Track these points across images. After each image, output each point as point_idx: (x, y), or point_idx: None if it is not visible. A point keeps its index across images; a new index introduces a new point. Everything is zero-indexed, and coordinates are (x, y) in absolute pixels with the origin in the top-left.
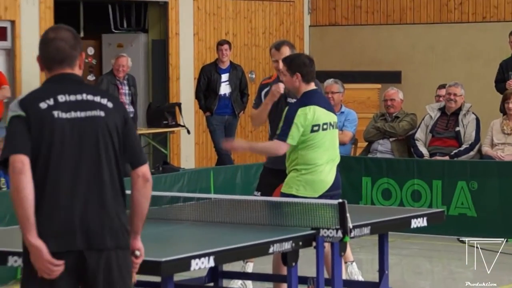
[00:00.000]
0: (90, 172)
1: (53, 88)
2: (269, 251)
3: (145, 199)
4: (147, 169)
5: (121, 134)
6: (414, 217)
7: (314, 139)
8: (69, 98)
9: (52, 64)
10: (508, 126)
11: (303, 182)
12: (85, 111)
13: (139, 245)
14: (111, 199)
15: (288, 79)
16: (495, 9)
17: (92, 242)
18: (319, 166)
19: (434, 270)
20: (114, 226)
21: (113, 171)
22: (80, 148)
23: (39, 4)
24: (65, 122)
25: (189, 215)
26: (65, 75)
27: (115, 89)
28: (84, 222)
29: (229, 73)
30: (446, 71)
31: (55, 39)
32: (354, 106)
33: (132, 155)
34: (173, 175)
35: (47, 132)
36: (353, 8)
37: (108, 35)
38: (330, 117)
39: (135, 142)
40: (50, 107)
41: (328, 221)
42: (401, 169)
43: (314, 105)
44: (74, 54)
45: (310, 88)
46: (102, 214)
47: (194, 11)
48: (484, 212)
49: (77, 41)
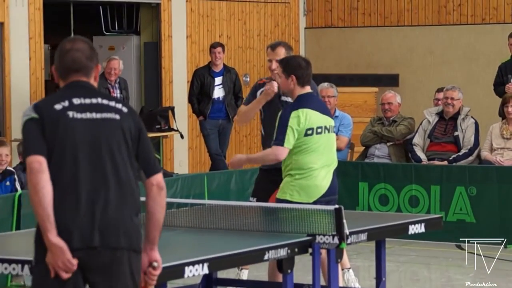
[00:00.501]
0: (106, 172)
1: (68, 92)
2: (264, 258)
3: (160, 208)
4: (161, 178)
5: (134, 139)
6: (411, 223)
7: (308, 143)
8: (84, 101)
9: (68, 74)
10: (508, 131)
11: (297, 187)
12: (100, 112)
13: (157, 257)
14: (126, 199)
15: (283, 81)
16: (495, 11)
17: (108, 240)
18: (313, 170)
19: (432, 277)
20: (128, 226)
21: (128, 173)
22: (95, 148)
23: (28, 6)
24: (80, 122)
25: (183, 221)
26: (81, 82)
27: (106, 92)
28: (101, 220)
29: (222, 76)
30: (445, 74)
31: (71, 49)
32: (350, 110)
33: (147, 163)
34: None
35: (62, 131)
36: (349, 10)
37: (99, 37)
38: (325, 121)
39: (149, 151)
40: (65, 108)
41: (324, 227)
42: (399, 174)
43: (308, 108)
44: (90, 65)
45: (305, 91)
46: (118, 213)
47: (187, 13)
48: (483, 218)
49: (93, 52)
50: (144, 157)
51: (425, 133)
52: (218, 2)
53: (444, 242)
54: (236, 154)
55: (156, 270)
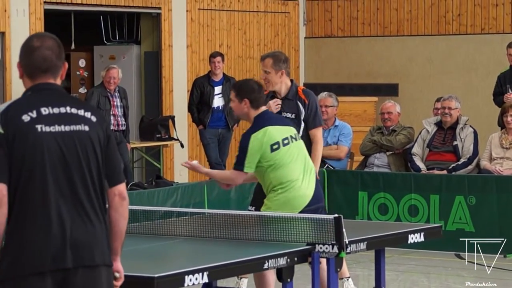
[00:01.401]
0: (76, 187)
1: (35, 99)
2: (264, 267)
3: (123, 218)
4: (124, 188)
5: (103, 149)
6: (411, 233)
7: (278, 157)
8: (53, 110)
9: (35, 73)
10: (507, 140)
11: (281, 201)
12: (69, 125)
13: (119, 267)
14: (98, 216)
15: (237, 105)
16: (494, 21)
17: (81, 259)
18: (294, 181)
19: (431, 286)
20: (101, 243)
21: (96, 187)
22: (64, 162)
23: (29, 15)
24: (49, 136)
25: (183, 230)
26: (48, 85)
27: (106, 101)
28: (73, 239)
29: (222, 85)
30: (444, 84)
31: (41, 47)
32: (350, 119)
33: (112, 172)
34: (166, 190)
35: (30, 146)
36: (349, 19)
37: (100, 47)
38: (288, 131)
39: (116, 160)
40: (33, 119)
41: (323, 237)
42: (398, 183)
43: (266, 126)
44: (58, 64)
45: (260, 111)
46: (89, 230)
47: (187, 23)
48: (482, 228)
49: (61, 50)
50: (110, 166)
51: (424, 142)
52: (219, 12)
53: (443, 251)
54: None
55: (118, 281)
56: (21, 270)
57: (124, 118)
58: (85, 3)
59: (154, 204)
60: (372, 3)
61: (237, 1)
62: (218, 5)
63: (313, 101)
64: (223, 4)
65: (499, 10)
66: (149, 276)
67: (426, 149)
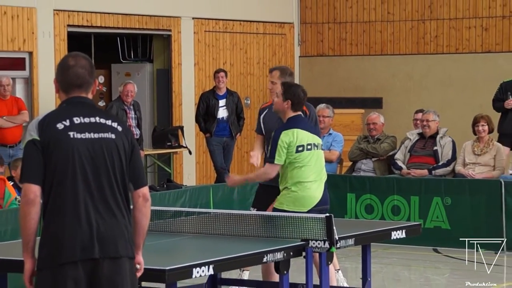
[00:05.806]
0: (103, 187)
1: (69, 110)
2: (263, 260)
3: (145, 218)
4: (147, 190)
5: (128, 156)
6: (394, 230)
7: (300, 158)
8: (84, 120)
9: (70, 88)
10: (478, 148)
11: (293, 198)
12: (98, 132)
13: (140, 260)
14: (122, 213)
15: (279, 101)
16: (467, 42)
17: (107, 251)
18: (307, 183)
19: (411, 277)
20: (125, 237)
21: (120, 187)
22: (93, 165)
23: (54, 37)
24: (80, 141)
25: (191, 228)
26: (81, 98)
27: (123, 113)
28: (100, 233)
29: (226, 98)
30: (423, 98)
31: (75, 66)
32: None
33: (136, 177)
34: (176, 192)
35: (64, 151)
36: (339, 40)
37: (117, 64)
38: (313, 139)
39: (139, 165)
40: (66, 127)
41: (316, 233)
42: (382, 186)
43: (297, 128)
44: (90, 81)
45: (296, 114)
46: (115, 226)
47: (194, 43)
48: (457, 225)
49: (93, 68)
50: (134, 171)
51: (406, 149)
52: (222, 33)
53: (422, 246)
54: (233, 175)
55: (138, 272)
56: (58, 260)
57: (138, 128)
58: (104, 26)
59: (165, 204)
60: (359, 26)
61: (239, 24)
62: (222, 28)
63: (313, 113)
64: (226, 27)
65: (471, 32)
66: (161, 269)
67: (407, 154)
